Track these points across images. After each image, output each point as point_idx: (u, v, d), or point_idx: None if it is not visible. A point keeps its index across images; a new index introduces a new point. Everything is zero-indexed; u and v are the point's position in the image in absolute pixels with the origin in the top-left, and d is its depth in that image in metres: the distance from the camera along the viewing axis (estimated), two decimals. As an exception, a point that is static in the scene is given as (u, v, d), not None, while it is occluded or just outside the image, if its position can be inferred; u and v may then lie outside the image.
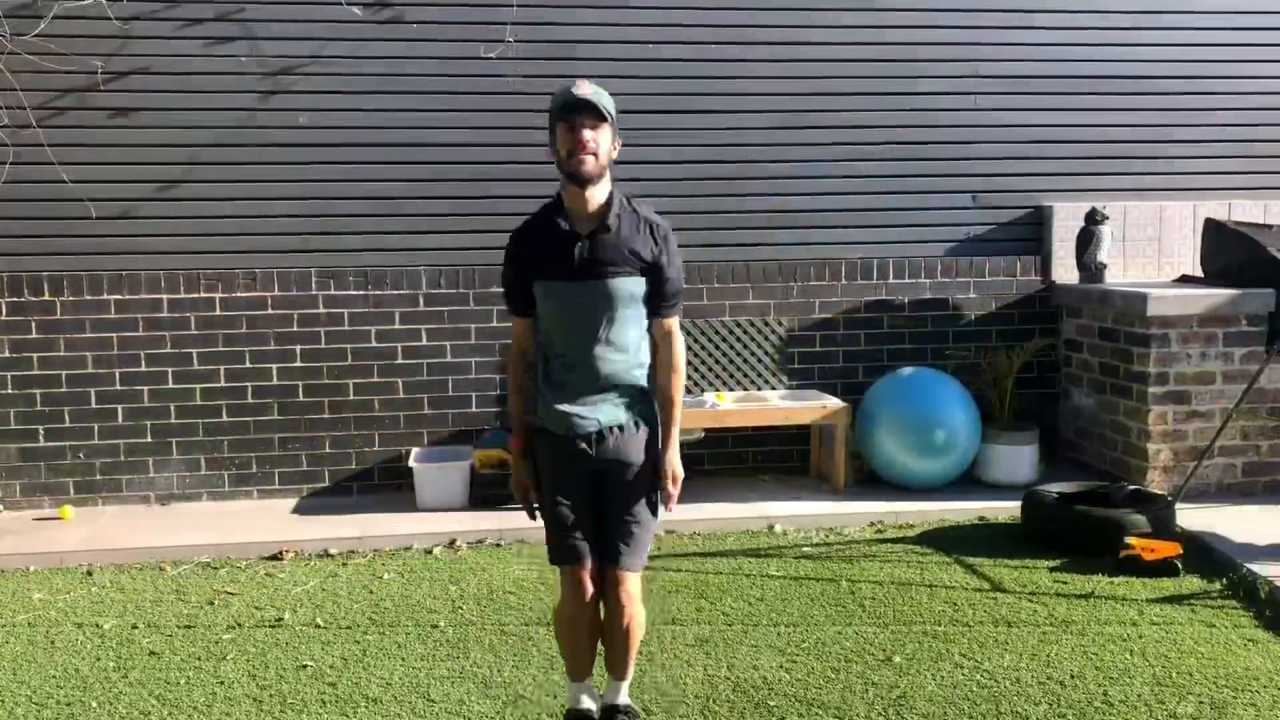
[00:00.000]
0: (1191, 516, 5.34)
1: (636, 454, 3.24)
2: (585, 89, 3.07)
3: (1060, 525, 5.07)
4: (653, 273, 3.18)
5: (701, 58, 6.23)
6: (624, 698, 3.47)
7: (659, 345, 3.28)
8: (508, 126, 6.08)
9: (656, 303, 3.23)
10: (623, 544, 3.24)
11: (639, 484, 3.25)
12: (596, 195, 3.14)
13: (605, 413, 3.20)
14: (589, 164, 3.07)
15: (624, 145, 3.30)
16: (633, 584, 3.28)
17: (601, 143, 3.08)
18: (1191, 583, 4.65)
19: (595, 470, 3.22)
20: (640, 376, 3.25)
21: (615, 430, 3.21)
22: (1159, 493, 5.43)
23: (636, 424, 3.25)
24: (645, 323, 3.25)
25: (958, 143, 6.49)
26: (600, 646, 3.39)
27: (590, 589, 3.25)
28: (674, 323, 3.29)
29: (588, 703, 3.43)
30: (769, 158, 6.34)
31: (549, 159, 3.20)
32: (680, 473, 3.33)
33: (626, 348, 3.20)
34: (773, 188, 6.35)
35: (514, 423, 3.34)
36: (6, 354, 5.83)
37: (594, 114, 3.06)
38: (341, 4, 5.89)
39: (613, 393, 3.21)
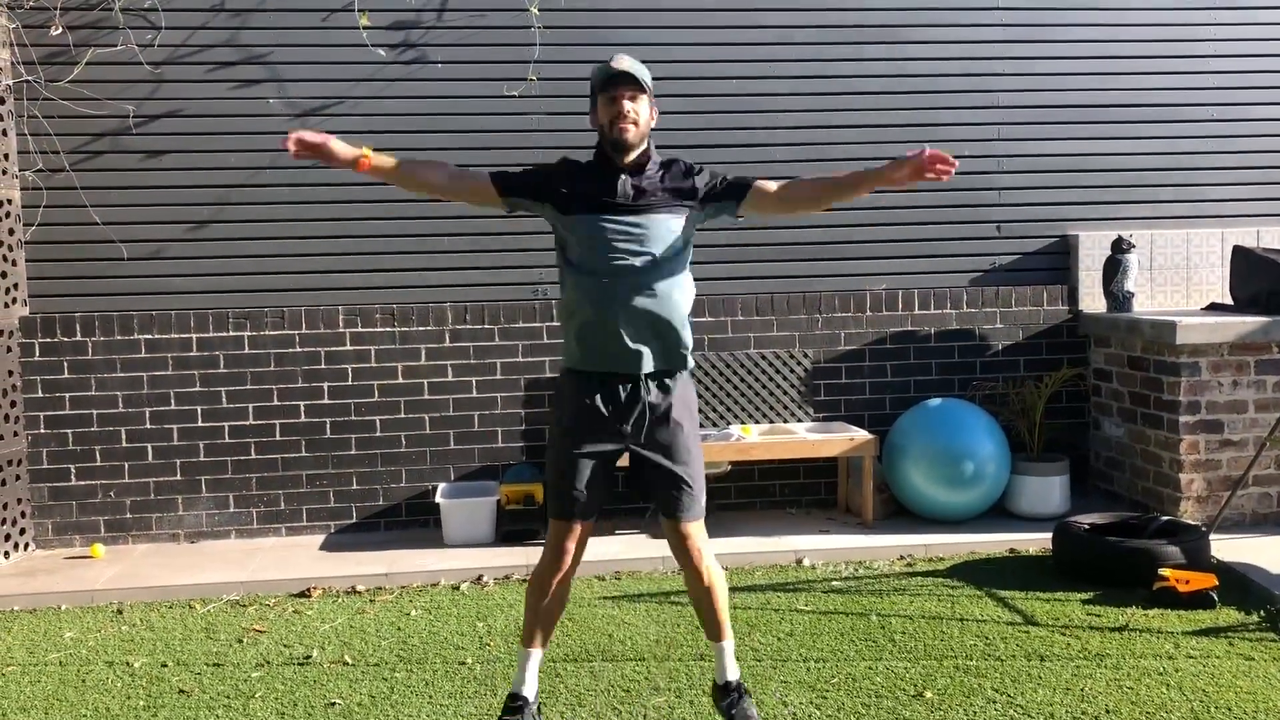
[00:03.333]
0: (1226, 547, 5.27)
1: (676, 403, 3.25)
2: (624, 62, 3.22)
3: (1092, 557, 5.01)
4: (709, 187, 3.28)
5: (725, 92, 6.27)
6: (732, 669, 3.48)
7: (789, 187, 3.32)
8: (532, 164, 6.11)
9: (738, 187, 3.31)
10: (679, 495, 3.25)
11: (681, 432, 3.25)
12: (635, 158, 3.27)
13: (641, 359, 3.18)
14: (630, 132, 3.20)
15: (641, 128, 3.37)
16: (700, 536, 3.31)
17: (641, 112, 3.23)
18: (1228, 615, 4.58)
19: (629, 420, 3.21)
20: (680, 324, 3.24)
21: (652, 383, 3.21)
22: (1193, 523, 5.36)
23: (675, 375, 3.27)
24: (685, 266, 3.27)
25: (982, 173, 6.49)
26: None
27: (573, 550, 3.30)
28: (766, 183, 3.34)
29: (530, 686, 3.45)
30: (792, 190, 6.34)
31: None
32: (925, 148, 3.16)
33: (666, 292, 3.19)
34: (797, 219, 6.36)
35: (391, 160, 3.37)
36: (39, 394, 5.90)
37: (633, 84, 3.20)
38: (367, 45, 5.98)
39: (651, 341, 3.19)
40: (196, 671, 4.29)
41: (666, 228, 3.20)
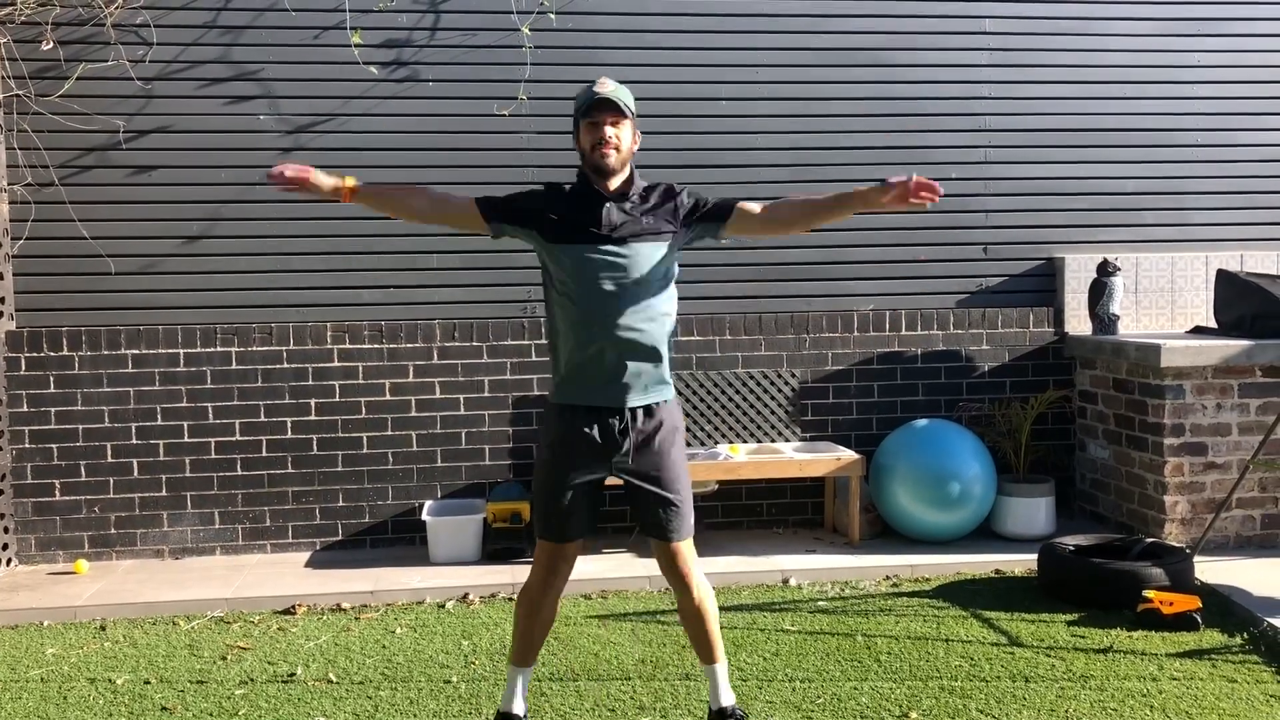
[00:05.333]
0: (1210, 569, 5.29)
1: (663, 428, 3.27)
2: (606, 87, 3.23)
3: (1077, 579, 5.03)
4: (690, 209, 3.30)
5: (713, 113, 6.31)
6: (726, 695, 3.49)
7: (771, 208, 3.32)
8: (521, 182, 6.14)
9: (721, 208, 3.31)
10: (668, 517, 3.27)
11: (668, 456, 3.26)
12: (618, 184, 3.28)
13: (629, 393, 3.21)
14: (612, 157, 3.22)
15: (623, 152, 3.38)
16: (689, 555, 3.32)
17: (623, 137, 3.25)
18: (1212, 637, 4.60)
19: (618, 452, 3.23)
20: (663, 352, 3.27)
21: (639, 411, 3.23)
22: (1177, 545, 5.38)
23: (659, 403, 3.28)
24: (672, 297, 3.30)
25: (969, 195, 6.54)
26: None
27: (563, 570, 3.33)
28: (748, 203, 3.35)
29: (519, 705, 3.47)
30: (780, 211, 6.38)
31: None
32: (913, 176, 3.15)
33: (651, 320, 3.21)
34: (785, 240, 6.39)
35: (375, 187, 3.48)
36: (25, 408, 5.88)
37: (615, 110, 3.21)
38: (358, 63, 6.00)
39: (636, 370, 3.21)
40: (179, 689, 4.26)
41: (650, 256, 3.21)
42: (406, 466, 6.15)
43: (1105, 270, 6.28)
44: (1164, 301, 6.64)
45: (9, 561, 5.83)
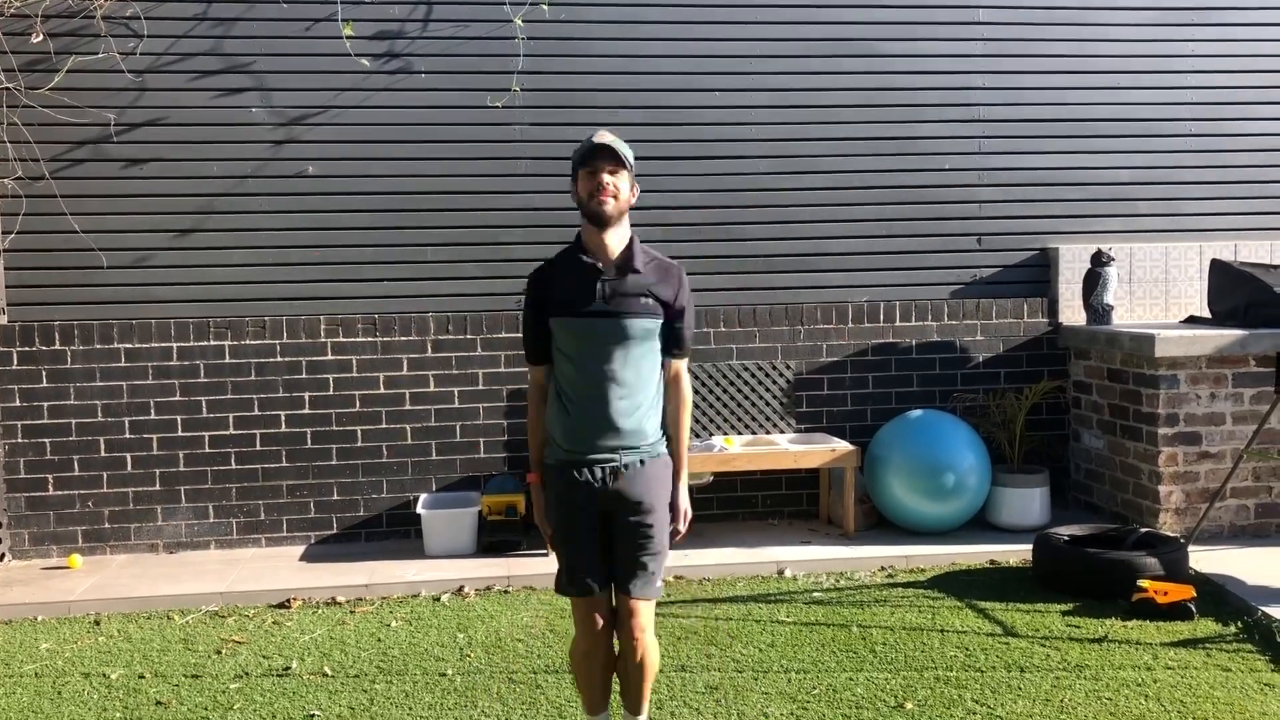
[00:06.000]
0: (1204, 559, 5.30)
1: (648, 489, 3.30)
2: (605, 137, 3.25)
3: (1072, 569, 5.03)
4: (671, 315, 3.31)
5: (707, 104, 6.30)
6: None
7: (670, 386, 3.41)
8: (514, 174, 6.15)
9: (670, 345, 3.36)
10: (636, 574, 3.31)
11: (651, 518, 3.31)
12: (616, 238, 3.27)
13: (618, 450, 3.26)
14: (609, 206, 3.21)
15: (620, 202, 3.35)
16: (645, 614, 3.36)
17: (621, 186, 3.24)
18: (1206, 626, 4.61)
19: (607, 505, 3.28)
20: (654, 415, 3.34)
21: (628, 468, 3.27)
22: (1171, 535, 5.39)
23: (647, 460, 3.31)
24: (660, 361, 3.35)
25: (963, 185, 6.53)
26: (616, 682, 3.44)
27: (602, 621, 3.34)
28: (684, 365, 3.44)
29: None
30: (775, 202, 6.38)
31: (553, 205, 3.28)
32: (688, 510, 3.45)
33: (641, 387, 3.28)
34: (779, 232, 6.39)
35: (533, 458, 3.43)
36: (17, 403, 5.86)
37: (613, 159, 3.21)
38: (350, 55, 5.98)
39: (626, 430, 3.26)
40: (174, 683, 4.25)
41: (643, 328, 3.26)
42: (401, 459, 6.14)
43: (1099, 260, 6.28)
44: (1158, 291, 6.64)
45: (2, 556, 5.82)
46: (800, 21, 6.37)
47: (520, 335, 6.04)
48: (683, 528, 3.42)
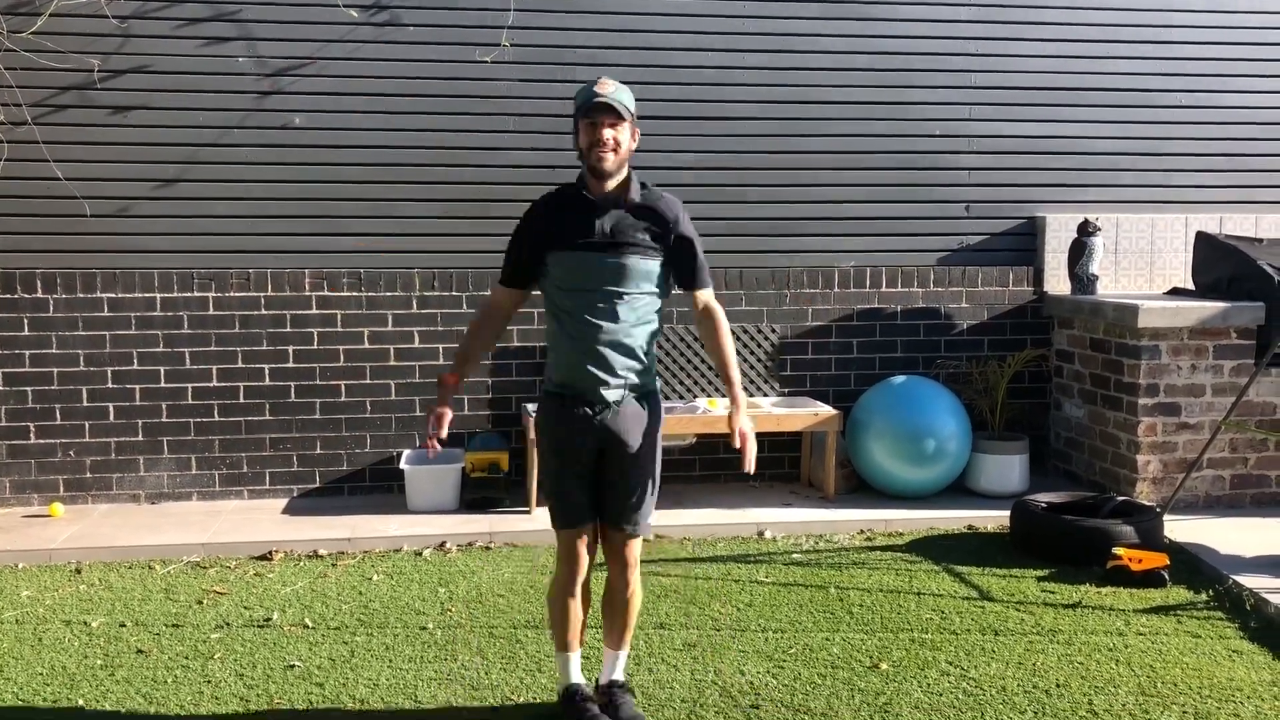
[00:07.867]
0: (1179, 528, 5.37)
1: (640, 426, 3.36)
2: (606, 88, 3.25)
3: (1048, 535, 5.09)
4: (670, 244, 3.32)
5: (696, 64, 6.26)
6: (619, 672, 3.57)
7: (703, 320, 3.43)
8: (502, 130, 6.10)
9: (686, 277, 3.39)
10: (627, 509, 3.36)
11: (642, 454, 3.36)
12: (615, 183, 3.31)
13: (612, 386, 3.29)
14: (609, 160, 3.24)
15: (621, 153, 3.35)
16: (635, 549, 3.43)
17: (621, 139, 3.27)
18: (1178, 594, 4.67)
19: (600, 440, 3.32)
20: (647, 355, 3.36)
21: (621, 404, 3.32)
22: (1147, 504, 5.45)
23: (640, 399, 3.36)
24: (657, 305, 3.37)
25: (951, 153, 6.52)
26: (590, 623, 3.54)
27: (586, 556, 3.40)
28: (709, 294, 3.44)
29: (578, 676, 3.54)
30: (763, 165, 6.36)
31: (542, 164, 3.29)
32: (750, 432, 3.41)
33: (637, 325, 3.30)
34: (767, 195, 6.37)
35: (457, 359, 3.53)
36: (-2, 351, 5.83)
37: (613, 113, 3.23)
38: (339, 5, 5.91)
39: (620, 367, 3.30)
40: (155, 632, 4.27)
41: (642, 269, 3.28)
42: (384, 415, 6.14)
43: (1085, 230, 6.30)
44: (1143, 263, 6.66)
45: (-17, 504, 5.81)
46: (794, -18, 6.32)
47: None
48: (750, 452, 3.39)
